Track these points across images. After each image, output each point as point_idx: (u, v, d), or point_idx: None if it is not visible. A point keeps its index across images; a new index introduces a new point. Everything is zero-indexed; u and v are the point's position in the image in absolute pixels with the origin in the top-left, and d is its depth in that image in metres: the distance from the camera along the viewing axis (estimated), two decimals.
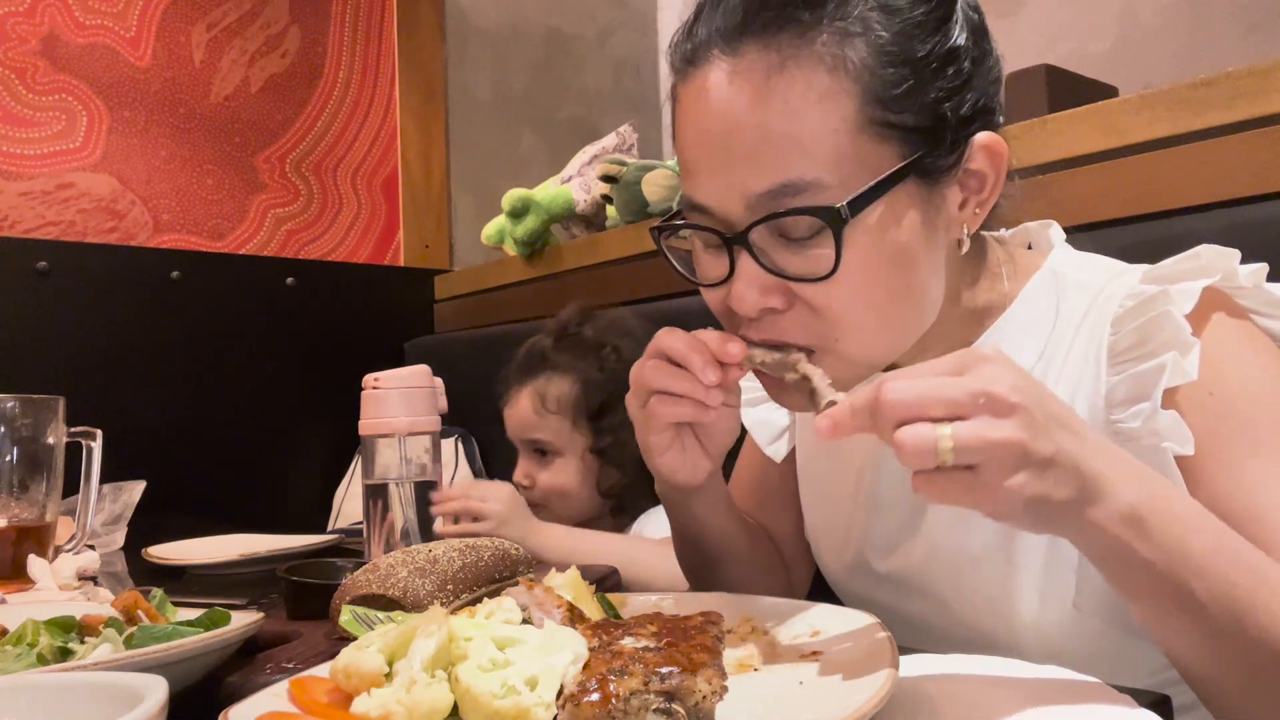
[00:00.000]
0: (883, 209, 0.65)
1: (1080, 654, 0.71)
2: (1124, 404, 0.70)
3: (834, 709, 0.47)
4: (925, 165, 0.66)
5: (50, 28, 2.03)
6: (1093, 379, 0.72)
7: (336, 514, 2.17)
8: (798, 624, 0.63)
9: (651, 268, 1.84)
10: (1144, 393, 0.68)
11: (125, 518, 1.42)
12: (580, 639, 0.53)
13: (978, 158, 0.68)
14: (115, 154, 2.09)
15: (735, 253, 0.68)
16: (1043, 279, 0.77)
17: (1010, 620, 0.75)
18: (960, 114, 0.67)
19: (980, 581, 0.76)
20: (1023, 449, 0.51)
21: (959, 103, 0.67)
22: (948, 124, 0.66)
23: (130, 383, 2.02)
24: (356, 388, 1.00)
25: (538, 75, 2.76)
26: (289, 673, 0.60)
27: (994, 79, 0.71)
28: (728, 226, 0.68)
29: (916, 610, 0.82)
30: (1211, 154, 1.05)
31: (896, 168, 0.65)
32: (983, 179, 0.69)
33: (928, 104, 0.65)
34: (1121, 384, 0.70)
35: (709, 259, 0.72)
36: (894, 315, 0.69)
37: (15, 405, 1.10)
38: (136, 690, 0.47)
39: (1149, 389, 0.68)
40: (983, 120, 0.69)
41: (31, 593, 0.97)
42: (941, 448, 0.51)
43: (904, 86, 0.64)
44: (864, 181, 0.64)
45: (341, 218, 2.40)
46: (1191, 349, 0.67)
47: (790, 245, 0.66)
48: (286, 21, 2.33)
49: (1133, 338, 0.70)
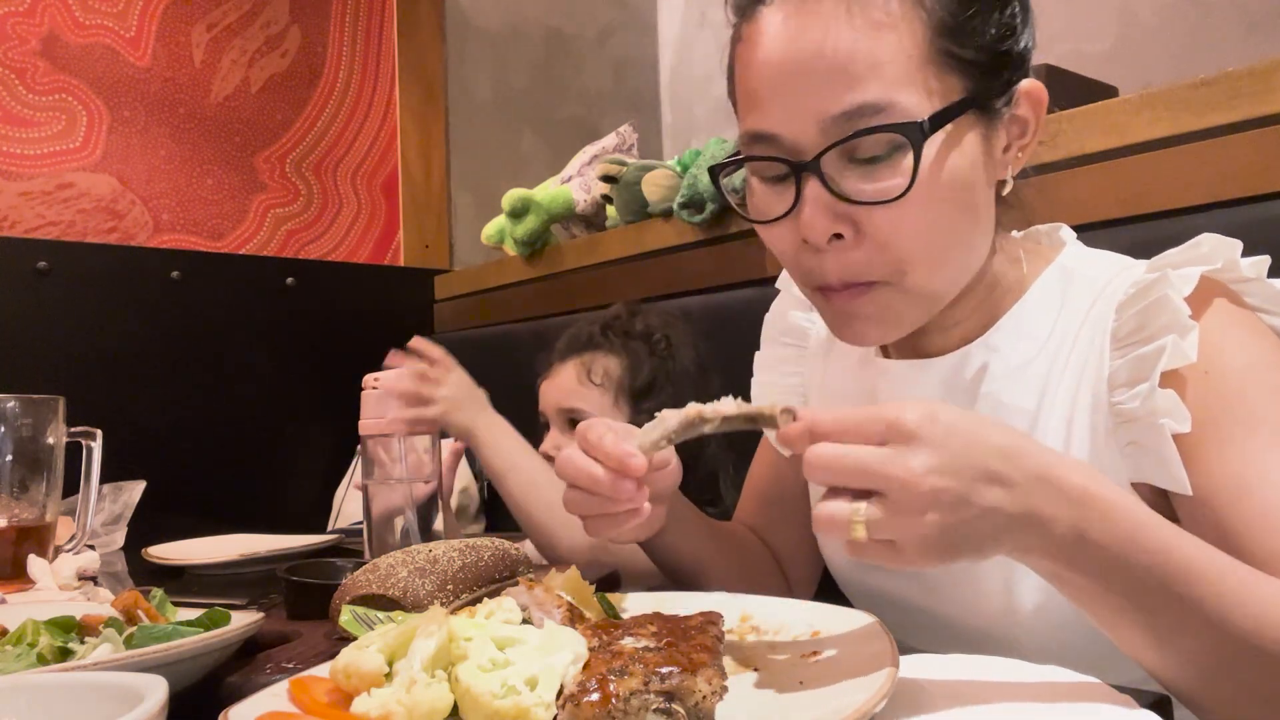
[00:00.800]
0: (948, 135, 0.68)
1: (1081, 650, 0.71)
2: (1125, 386, 0.71)
3: (834, 709, 0.47)
4: (983, 101, 0.69)
5: (50, 28, 2.03)
6: (1096, 364, 0.74)
7: (336, 514, 2.17)
8: (798, 624, 0.63)
9: (651, 268, 1.84)
10: (1143, 374, 0.70)
11: (125, 518, 1.42)
12: (580, 639, 0.53)
13: (1022, 103, 0.72)
14: (115, 154, 2.09)
15: (803, 181, 0.69)
16: (1054, 272, 0.79)
17: (1011, 612, 0.75)
18: (1014, 54, 0.71)
19: (982, 572, 0.77)
20: (938, 527, 0.52)
21: (1014, 43, 0.71)
22: (1004, 63, 0.70)
23: (130, 383, 2.02)
24: (356, 388, 1.01)
25: (538, 75, 2.76)
26: (289, 673, 0.60)
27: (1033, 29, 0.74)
28: (796, 154, 0.69)
29: (918, 600, 0.83)
30: (1211, 154, 1.05)
31: (962, 97, 0.68)
32: (1025, 124, 0.73)
33: (988, 42, 0.69)
34: (1123, 367, 0.72)
35: (772, 194, 0.73)
36: (955, 243, 0.71)
37: (15, 405, 1.10)
38: (136, 690, 0.47)
39: (1148, 371, 0.69)
40: (1025, 68, 0.73)
41: (31, 593, 0.97)
42: (855, 532, 0.53)
43: (969, 21, 0.68)
44: (934, 107, 0.67)
45: (341, 218, 2.40)
46: (1190, 331, 0.68)
47: (859, 170, 0.68)
48: (286, 21, 2.33)
49: (1134, 322, 0.72)
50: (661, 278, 1.80)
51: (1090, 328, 0.75)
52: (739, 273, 1.64)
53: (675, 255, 1.79)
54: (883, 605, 0.84)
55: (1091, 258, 0.81)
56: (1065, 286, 0.78)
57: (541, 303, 2.11)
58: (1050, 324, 0.77)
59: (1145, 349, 0.70)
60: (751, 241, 1.63)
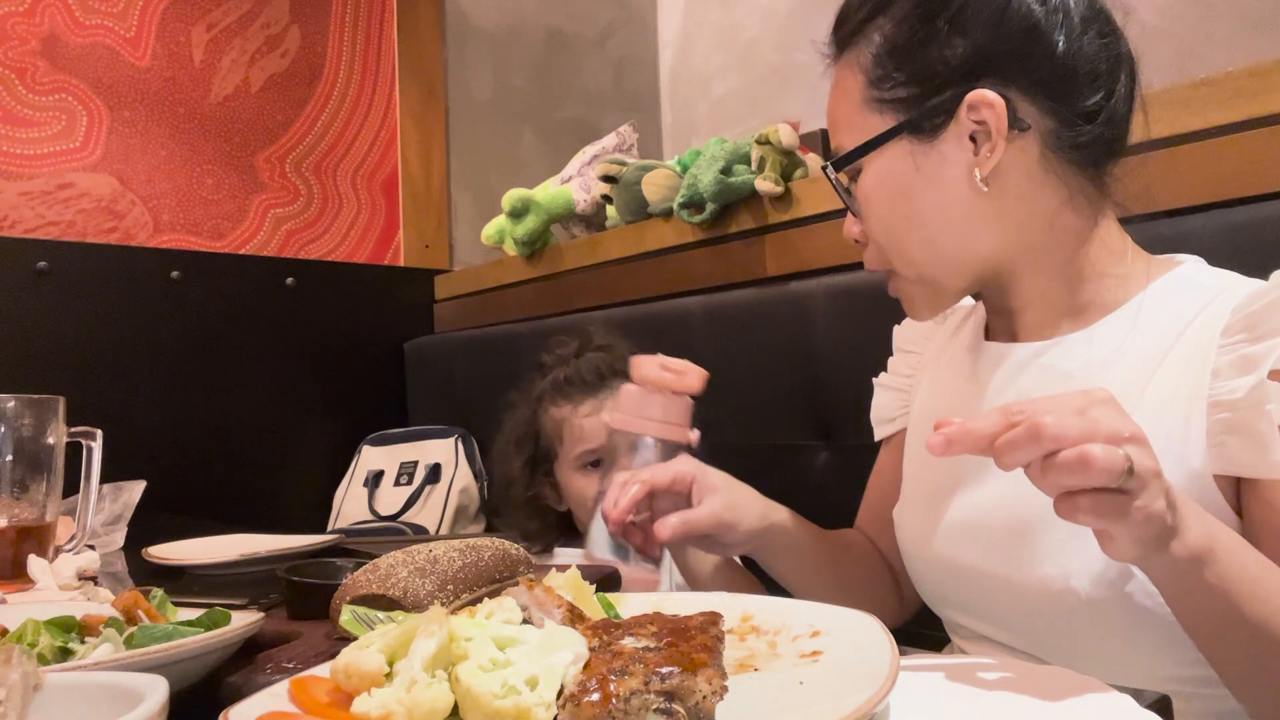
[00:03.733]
0: (878, 159, 0.84)
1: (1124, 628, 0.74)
2: (1228, 378, 0.73)
3: (834, 709, 0.47)
4: (914, 125, 0.82)
5: (50, 28, 2.03)
6: (1201, 359, 0.75)
7: (336, 514, 2.17)
8: (798, 624, 0.63)
9: (651, 268, 1.84)
10: (1250, 369, 0.72)
11: (125, 518, 1.42)
12: (580, 639, 0.53)
13: (975, 112, 0.79)
14: (115, 154, 2.09)
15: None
16: (1173, 278, 0.83)
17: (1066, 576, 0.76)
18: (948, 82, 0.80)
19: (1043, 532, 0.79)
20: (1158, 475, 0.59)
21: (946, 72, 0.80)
22: (938, 89, 0.80)
23: (130, 383, 2.02)
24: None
25: (538, 75, 2.76)
26: (289, 673, 0.60)
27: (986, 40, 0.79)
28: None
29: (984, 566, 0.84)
30: (1211, 154, 1.05)
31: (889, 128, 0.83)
32: (987, 130, 0.80)
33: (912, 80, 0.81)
34: (1229, 363, 0.73)
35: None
36: (913, 240, 0.85)
37: (15, 405, 1.10)
38: (136, 690, 0.47)
39: (1255, 365, 0.71)
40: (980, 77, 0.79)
41: (31, 593, 0.97)
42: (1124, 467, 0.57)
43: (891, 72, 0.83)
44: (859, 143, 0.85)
45: (341, 218, 2.40)
46: None
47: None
48: (286, 21, 2.33)
49: (1245, 323, 0.74)
50: (661, 278, 1.80)
51: (1201, 326, 0.77)
52: (739, 273, 1.64)
53: (675, 255, 1.79)
54: (948, 573, 0.89)
55: (1214, 272, 0.83)
56: (1182, 289, 0.81)
57: (541, 303, 2.11)
58: (1160, 321, 0.79)
59: (1254, 347, 0.72)
60: (751, 241, 1.63)
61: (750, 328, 1.54)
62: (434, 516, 2.04)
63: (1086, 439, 0.57)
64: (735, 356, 1.55)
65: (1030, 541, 0.79)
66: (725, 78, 2.78)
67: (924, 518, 0.92)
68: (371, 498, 2.11)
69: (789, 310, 1.47)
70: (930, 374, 1.00)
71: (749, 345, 1.54)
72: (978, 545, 0.84)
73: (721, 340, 1.58)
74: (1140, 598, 0.73)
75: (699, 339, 1.61)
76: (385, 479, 2.14)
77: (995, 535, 0.83)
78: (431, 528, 2.02)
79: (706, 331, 1.61)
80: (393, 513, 2.06)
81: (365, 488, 2.13)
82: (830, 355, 1.40)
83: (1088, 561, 0.75)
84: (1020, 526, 0.80)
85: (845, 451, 1.40)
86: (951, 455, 0.60)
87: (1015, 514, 0.81)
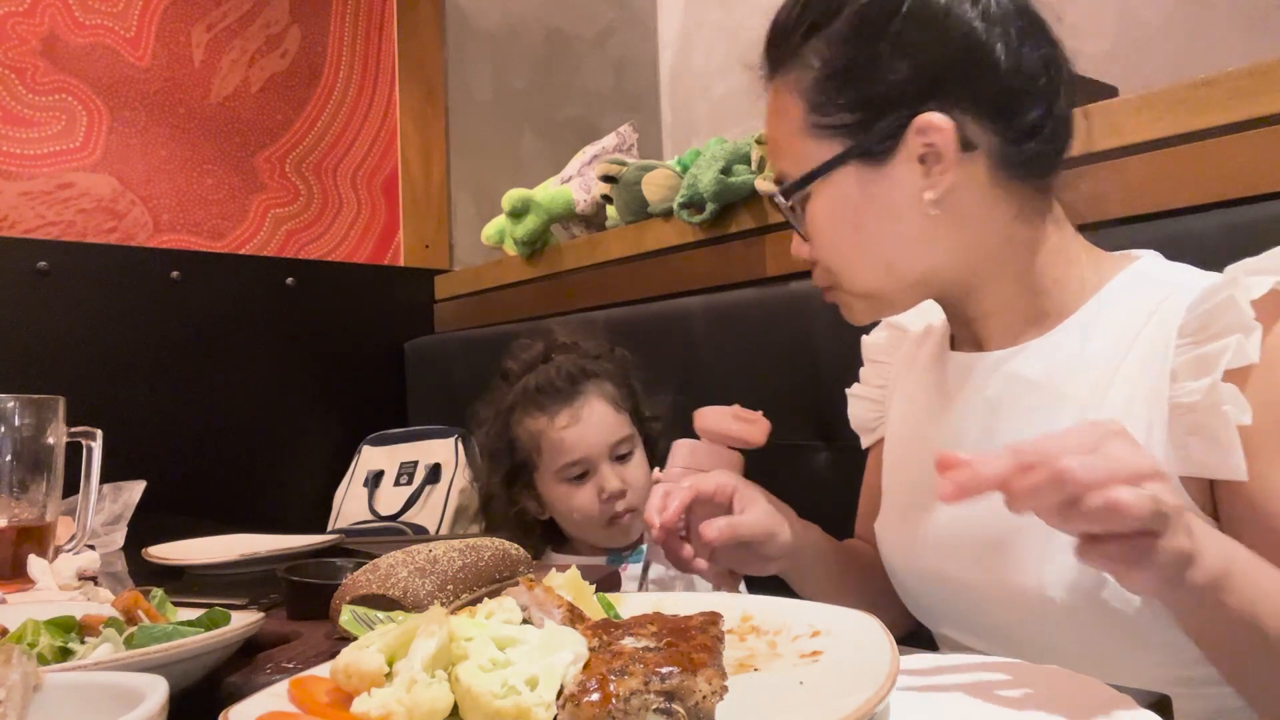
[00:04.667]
0: (824, 185, 0.83)
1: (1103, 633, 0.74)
2: (1187, 380, 0.73)
3: (834, 709, 0.47)
4: (860, 150, 0.81)
5: (50, 28, 2.03)
6: (1160, 359, 0.75)
7: (336, 514, 2.17)
8: (798, 624, 0.63)
9: (651, 268, 1.84)
10: (1206, 370, 0.71)
11: (125, 518, 1.42)
12: (580, 639, 0.53)
13: (924, 135, 0.79)
14: (115, 154, 2.09)
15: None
16: (1129, 275, 0.82)
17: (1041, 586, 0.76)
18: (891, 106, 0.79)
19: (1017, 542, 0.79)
20: (1180, 510, 0.58)
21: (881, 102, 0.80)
22: (881, 114, 0.80)
23: (130, 383, 2.02)
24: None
25: (538, 75, 2.76)
26: (289, 673, 0.60)
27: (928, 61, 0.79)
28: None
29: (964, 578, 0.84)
30: (1211, 154, 1.05)
31: (833, 155, 0.82)
32: (937, 153, 0.79)
33: (854, 105, 0.80)
34: (1186, 363, 0.73)
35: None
36: (864, 262, 0.85)
37: (15, 405, 1.10)
38: (136, 690, 0.47)
39: (1211, 367, 0.71)
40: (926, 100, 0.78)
41: (31, 593, 0.97)
42: (1153, 509, 0.55)
43: (832, 98, 0.81)
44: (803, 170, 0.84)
45: (341, 218, 2.40)
46: (1253, 331, 0.70)
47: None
48: (286, 21, 2.33)
49: (1200, 321, 0.73)
50: (661, 278, 1.80)
51: (1158, 323, 0.77)
52: (739, 273, 1.64)
53: (675, 255, 1.79)
54: (930, 585, 0.90)
55: (1170, 267, 0.83)
56: (1137, 285, 0.81)
57: (541, 303, 2.11)
58: (1118, 320, 0.79)
59: (1209, 347, 0.72)
60: (751, 242, 1.63)
61: (750, 328, 1.54)
62: (434, 516, 2.04)
63: (1110, 481, 0.55)
64: (735, 356, 1.55)
65: (1005, 552, 0.79)
66: (725, 78, 2.78)
67: (903, 531, 0.92)
68: (371, 498, 2.11)
69: (789, 310, 1.47)
70: (900, 387, 1.01)
71: (749, 345, 1.54)
72: (955, 557, 0.85)
73: (721, 340, 1.58)
74: (1116, 603, 0.73)
75: (699, 339, 1.61)
76: (385, 479, 2.14)
77: (972, 547, 0.83)
78: (431, 528, 2.02)
79: (706, 331, 1.61)
80: (393, 513, 2.06)
81: (365, 488, 2.13)
82: (830, 355, 1.40)
83: (1062, 570, 0.75)
84: (995, 538, 0.80)
85: (845, 451, 1.40)
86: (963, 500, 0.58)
87: (989, 526, 0.81)
